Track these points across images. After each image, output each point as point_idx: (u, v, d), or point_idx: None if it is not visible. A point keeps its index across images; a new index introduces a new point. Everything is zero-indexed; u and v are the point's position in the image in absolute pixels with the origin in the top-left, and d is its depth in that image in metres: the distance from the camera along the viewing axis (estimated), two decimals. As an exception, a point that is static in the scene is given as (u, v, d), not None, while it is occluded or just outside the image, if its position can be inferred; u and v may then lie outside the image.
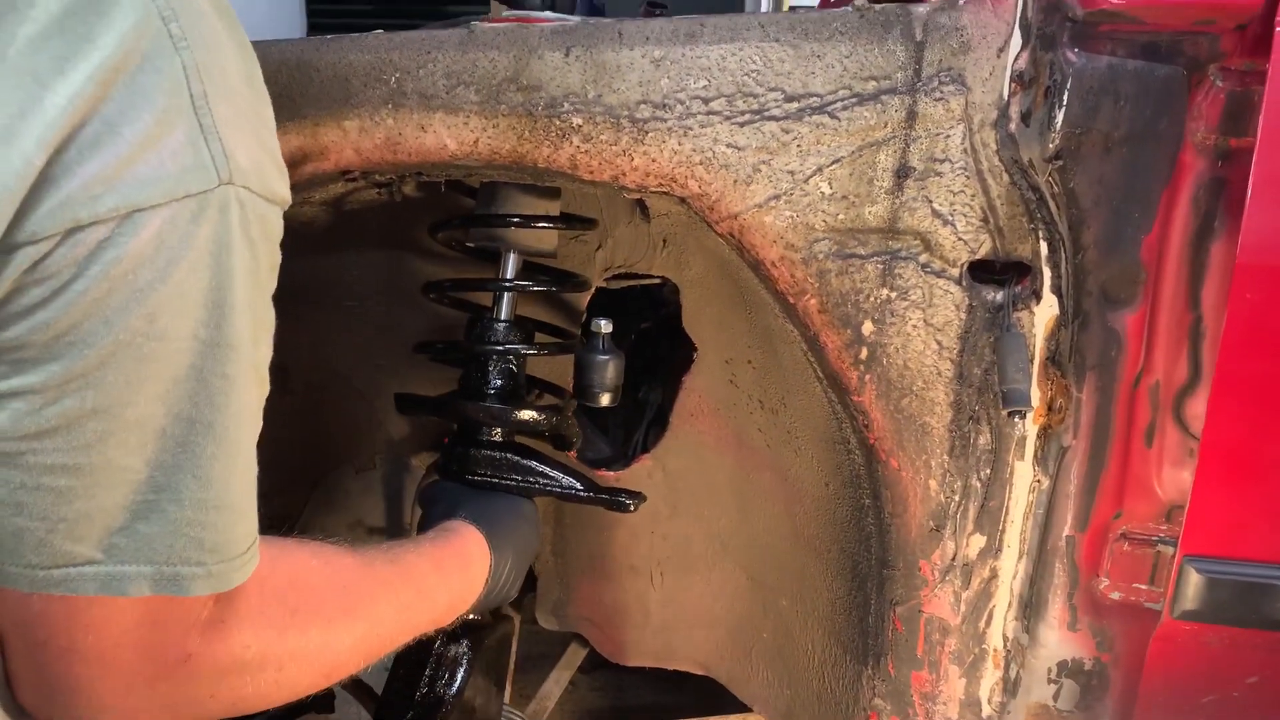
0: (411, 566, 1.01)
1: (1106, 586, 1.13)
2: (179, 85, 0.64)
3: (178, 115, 0.64)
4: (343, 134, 1.09)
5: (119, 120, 0.61)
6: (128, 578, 0.66)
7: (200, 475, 0.67)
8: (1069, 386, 1.08)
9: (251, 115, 0.71)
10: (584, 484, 1.27)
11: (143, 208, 0.62)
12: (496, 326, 1.24)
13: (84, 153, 0.60)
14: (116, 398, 0.64)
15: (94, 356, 0.63)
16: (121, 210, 0.61)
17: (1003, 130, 1.05)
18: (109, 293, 0.62)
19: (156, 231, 0.63)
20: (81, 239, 0.61)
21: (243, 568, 0.72)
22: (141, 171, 0.62)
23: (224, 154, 0.66)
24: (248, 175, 0.68)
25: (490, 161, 1.11)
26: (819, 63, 1.05)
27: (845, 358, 1.12)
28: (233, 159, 0.66)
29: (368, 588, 0.91)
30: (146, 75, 0.63)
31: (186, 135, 0.64)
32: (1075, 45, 0.99)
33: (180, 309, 0.65)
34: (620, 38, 1.07)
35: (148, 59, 0.63)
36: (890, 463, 1.15)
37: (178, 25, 0.64)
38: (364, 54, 1.08)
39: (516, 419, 1.23)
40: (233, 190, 0.66)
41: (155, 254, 0.63)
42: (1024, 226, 1.07)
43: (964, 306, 1.10)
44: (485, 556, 1.11)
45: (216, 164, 0.65)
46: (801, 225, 1.08)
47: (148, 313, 0.63)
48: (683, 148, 1.07)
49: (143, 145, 0.62)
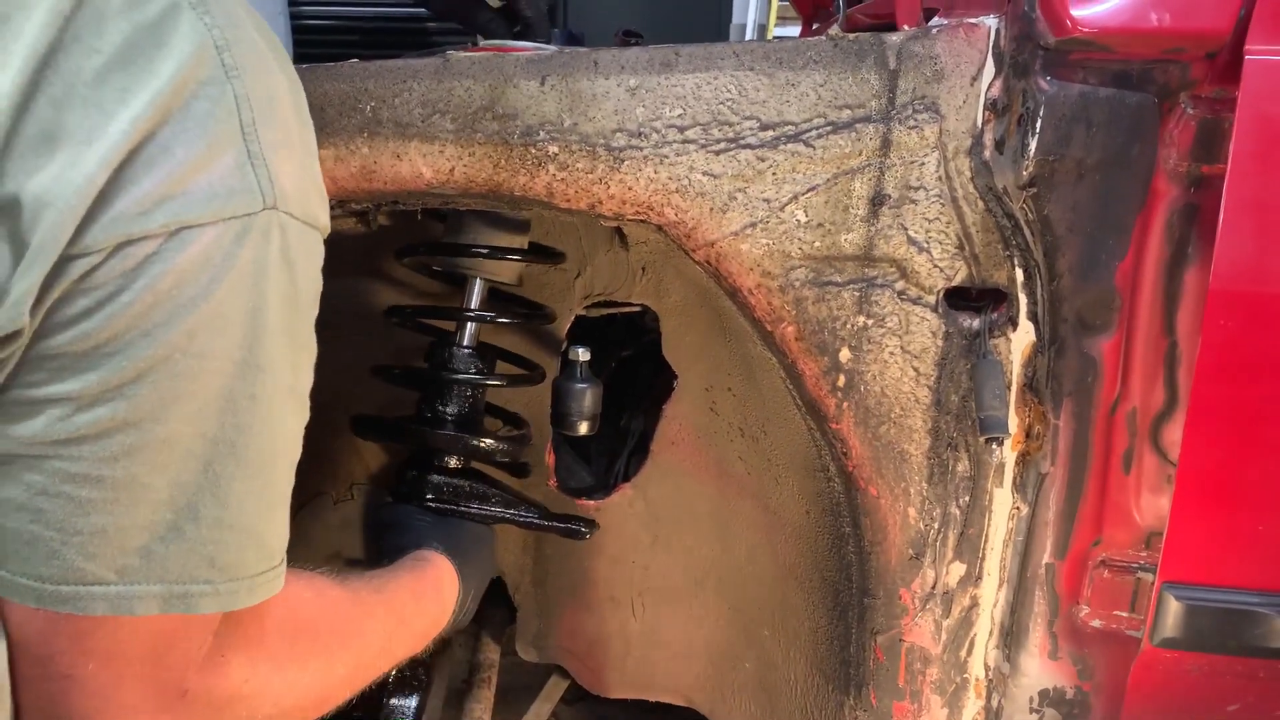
0: (394, 596, 1.01)
1: (1087, 614, 1.12)
2: (230, 112, 0.67)
3: (228, 140, 0.66)
4: (318, 163, 1.09)
5: (173, 143, 0.64)
6: (137, 597, 0.66)
7: (219, 495, 0.68)
8: (1046, 413, 1.08)
9: (298, 143, 0.74)
10: (540, 513, 1.27)
11: (191, 225, 0.64)
12: (458, 353, 1.24)
13: (139, 172, 0.63)
14: (148, 413, 0.65)
15: (131, 369, 0.64)
16: (171, 226, 0.63)
17: (977, 158, 1.05)
18: (152, 306, 0.63)
19: (203, 249, 0.65)
20: (131, 252, 0.63)
21: (251, 591, 0.72)
22: (192, 190, 0.64)
23: (270, 179, 0.68)
24: (291, 201, 0.70)
25: (466, 190, 1.10)
26: (794, 91, 1.06)
27: (823, 385, 1.12)
28: (278, 184, 0.69)
29: (357, 619, 0.92)
30: (201, 102, 0.65)
31: (235, 159, 0.67)
32: (1047, 73, 1.00)
33: (219, 328, 0.66)
34: (596, 66, 1.07)
35: (203, 87, 0.66)
36: (869, 490, 1.15)
37: (230, 55, 0.67)
38: (339, 83, 1.08)
39: (474, 446, 1.23)
40: (276, 215, 0.69)
41: (200, 271, 0.65)
42: (999, 253, 1.08)
43: (940, 333, 1.10)
44: (454, 585, 1.13)
45: (262, 188, 0.68)
46: (778, 253, 1.08)
47: (188, 329, 0.65)
48: (659, 176, 1.07)
49: (194, 166, 0.64)
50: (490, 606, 1.58)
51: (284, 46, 3.09)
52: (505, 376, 1.29)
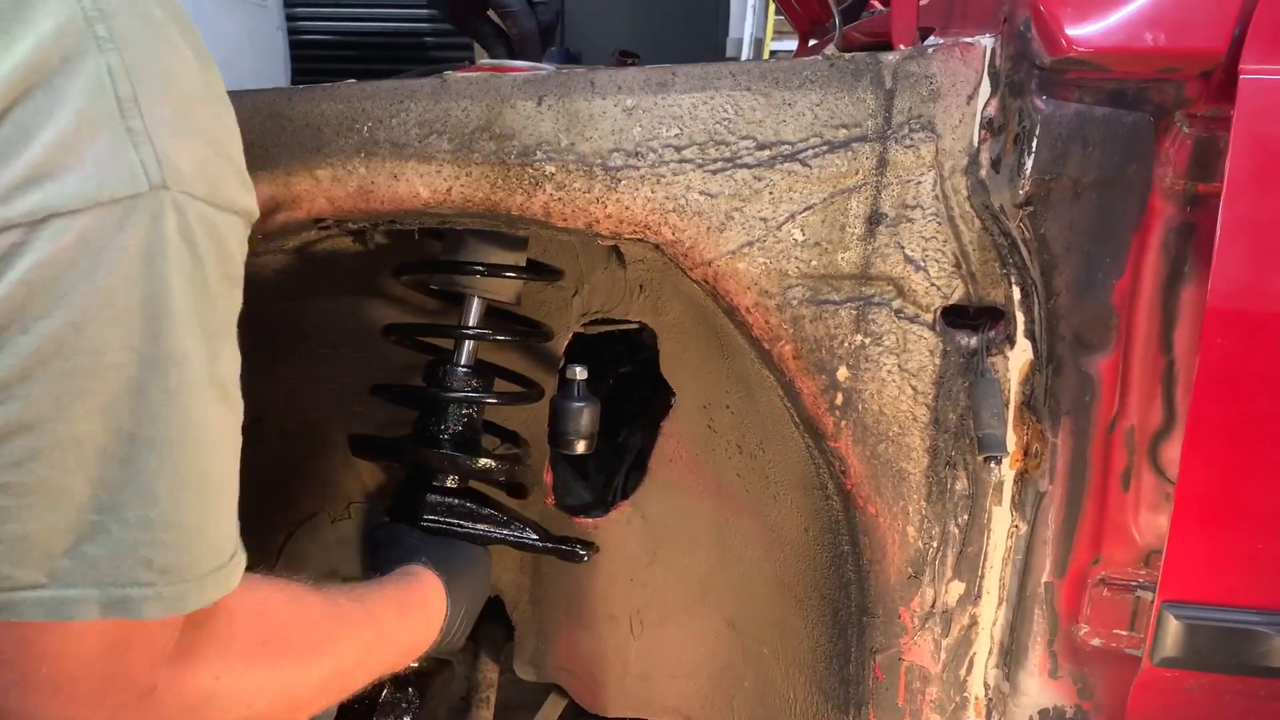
0: (375, 608, 1.00)
1: (1086, 633, 1.12)
2: (102, 87, 0.62)
3: (100, 119, 0.62)
4: (315, 183, 1.09)
5: (32, 125, 0.60)
6: (74, 601, 0.64)
7: (144, 493, 0.65)
8: (1044, 431, 1.08)
9: (205, 120, 0.69)
10: (538, 534, 1.27)
11: (60, 212, 0.60)
12: (456, 371, 1.24)
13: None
14: (45, 413, 0.62)
15: (17, 367, 0.61)
16: (36, 214, 0.60)
17: (973, 177, 1.06)
18: (27, 300, 0.60)
19: (78, 236, 0.61)
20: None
21: (202, 591, 0.69)
22: (58, 175, 0.61)
23: (156, 159, 0.64)
24: (190, 180, 0.66)
25: (464, 210, 1.11)
26: (790, 111, 1.06)
27: (821, 403, 1.12)
28: (169, 163, 0.64)
29: (334, 625, 0.90)
30: (64, 78, 0.61)
31: (110, 138, 0.62)
32: (1043, 92, 1.00)
33: (110, 319, 0.63)
34: (592, 87, 1.07)
35: (66, 61, 0.62)
36: (868, 509, 1.15)
37: (105, 26, 0.63)
38: (336, 103, 1.08)
39: (470, 466, 1.22)
40: (168, 195, 0.64)
41: (77, 259, 0.61)
42: (996, 272, 1.08)
43: (938, 352, 1.10)
44: (443, 603, 1.12)
45: (147, 168, 0.63)
46: (775, 272, 1.08)
47: (73, 322, 0.61)
48: (656, 195, 1.07)
49: (59, 149, 0.61)
50: (488, 625, 1.57)
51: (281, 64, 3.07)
52: (503, 395, 1.29)
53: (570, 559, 1.29)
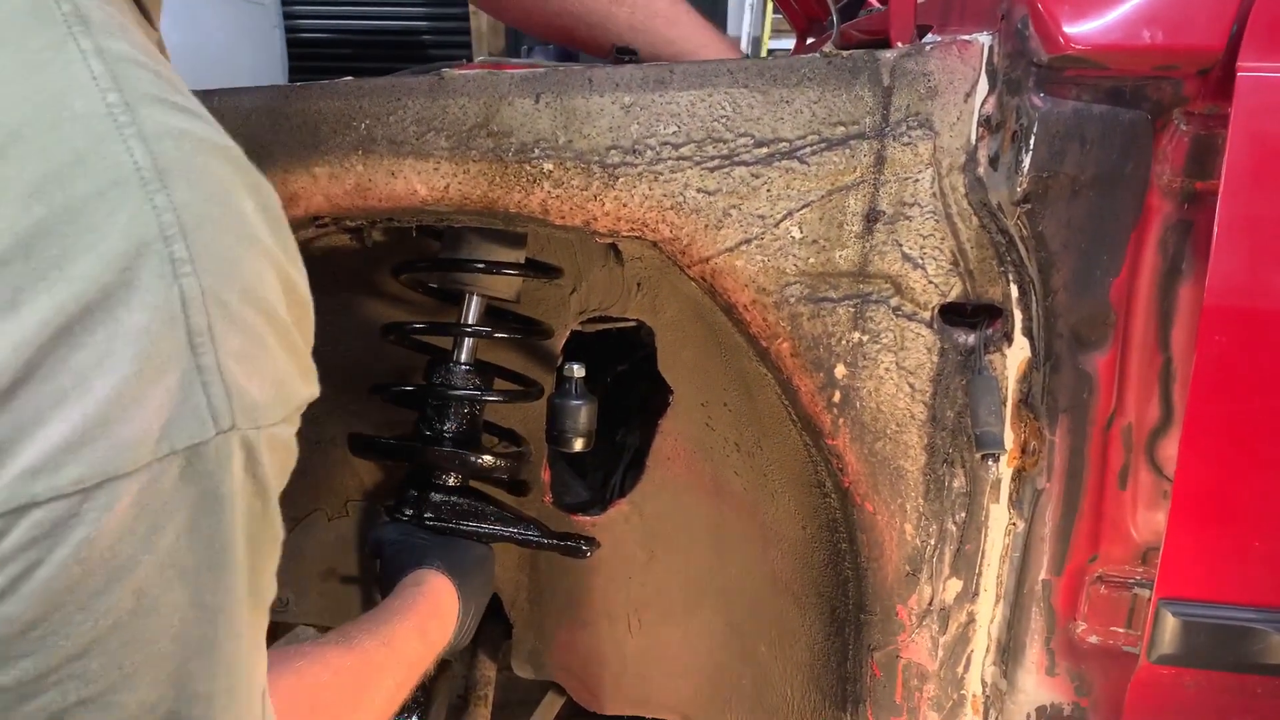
0: (401, 643, 1.02)
1: (1084, 630, 1.12)
2: (174, 322, 0.52)
3: (167, 359, 0.52)
4: (312, 180, 1.09)
5: (90, 368, 0.50)
6: None
7: None
8: (1042, 429, 1.08)
9: (280, 335, 0.60)
10: (540, 531, 1.27)
11: (117, 476, 0.51)
12: (456, 369, 1.24)
13: (42, 412, 0.50)
14: (109, 685, 0.54)
15: (72, 647, 0.53)
16: (87, 481, 0.50)
17: (971, 174, 1.05)
18: (83, 577, 0.52)
19: (136, 499, 0.52)
20: (39, 519, 0.50)
21: None
22: (117, 432, 0.51)
23: (227, 396, 0.55)
24: (261, 411, 0.57)
25: (461, 207, 1.10)
26: (788, 108, 1.06)
27: (818, 401, 1.12)
28: (240, 399, 0.56)
29: (369, 679, 0.93)
30: (129, 311, 0.51)
31: (178, 381, 0.53)
32: (1041, 90, 1.00)
33: (174, 579, 0.55)
34: (590, 84, 1.07)
35: (133, 290, 0.51)
36: (865, 507, 1.15)
37: (184, 245, 0.53)
38: (333, 101, 1.08)
39: (474, 464, 1.22)
40: (237, 436, 0.56)
41: (135, 524, 0.52)
42: (994, 269, 1.08)
43: (936, 349, 1.10)
44: (455, 605, 1.13)
45: (215, 411, 0.54)
46: (773, 269, 1.08)
47: (134, 590, 0.54)
48: (653, 193, 1.07)
49: (120, 401, 0.51)
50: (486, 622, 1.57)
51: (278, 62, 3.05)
52: (504, 392, 1.29)
53: (574, 555, 1.29)
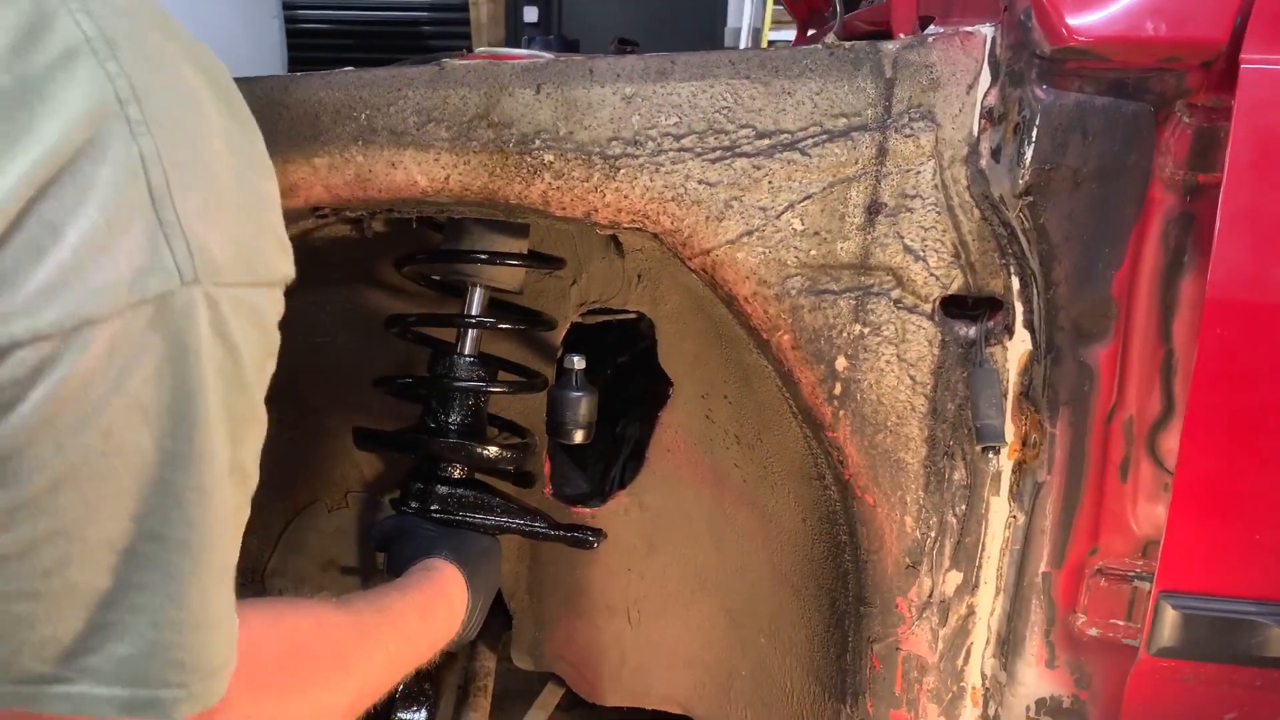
0: (400, 615, 1.01)
1: (1084, 623, 1.12)
2: (134, 177, 0.58)
3: (132, 211, 0.58)
4: (312, 171, 1.09)
5: (62, 220, 0.56)
6: (101, 700, 0.62)
7: (176, 595, 0.63)
8: (1043, 422, 1.08)
9: (240, 195, 0.65)
10: (546, 522, 1.27)
11: (93, 320, 0.56)
12: (460, 361, 1.23)
13: (20, 260, 0.55)
14: (75, 519, 0.59)
15: (44, 481, 0.58)
16: (67, 325, 0.56)
17: (973, 166, 1.05)
18: (57, 414, 0.57)
19: (109, 343, 0.57)
20: (21, 358, 0.55)
21: (224, 672, 0.68)
22: (90, 278, 0.56)
23: (189, 251, 0.60)
24: (224, 269, 0.62)
25: (461, 198, 1.10)
26: (789, 99, 1.06)
27: (819, 393, 1.12)
28: (202, 254, 0.61)
29: (360, 643, 0.91)
30: (94, 165, 0.57)
31: (143, 233, 0.58)
32: (1043, 82, 1.00)
33: (139, 421, 0.60)
34: (591, 75, 1.07)
35: (96, 148, 0.57)
36: (866, 499, 1.14)
37: (138, 108, 0.59)
38: (333, 91, 1.08)
39: (480, 455, 1.22)
40: (200, 290, 0.60)
41: (107, 367, 0.58)
42: (995, 262, 1.07)
43: (937, 342, 1.09)
44: (464, 596, 1.13)
45: (179, 263, 0.59)
46: (774, 261, 1.08)
47: (102, 429, 0.58)
48: (654, 184, 1.07)
49: (90, 249, 0.56)
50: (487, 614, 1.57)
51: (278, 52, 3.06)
52: (508, 384, 1.29)
53: (582, 546, 1.29)
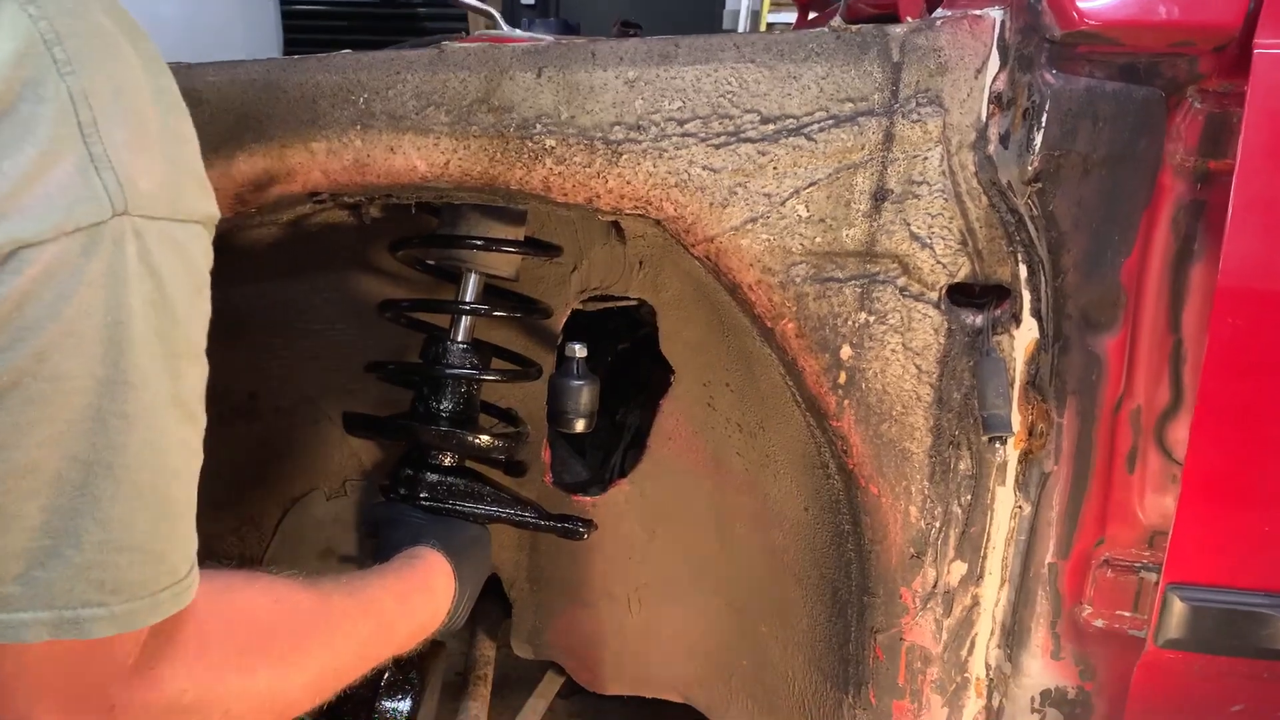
0: (373, 599, 0.99)
1: (1089, 614, 1.11)
2: (65, 113, 0.61)
3: (65, 145, 0.61)
4: (310, 155, 1.07)
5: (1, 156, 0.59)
6: (25, 625, 0.63)
7: (100, 518, 0.64)
8: (1050, 411, 1.07)
9: (161, 134, 0.68)
10: (537, 512, 1.26)
11: (29, 243, 0.59)
12: (453, 348, 1.22)
13: None
14: (3, 440, 0.61)
15: None
16: (4, 248, 0.59)
17: (981, 152, 1.04)
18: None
19: (44, 267, 0.60)
20: None
21: (154, 609, 0.69)
22: (26, 206, 0.59)
23: (119, 183, 0.63)
24: (150, 202, 0.65)
25: (461, 184, 1.09)
26: (795, 84, 1.04)
27: (823, 382, 1.10)
28: (130, 187, 0.63)
29: (323, 623, 0.89)
30: (28, 105, 0.60)
31: (75, 165, 0.61)
32: (1053, 66, 0.98)
33: (72, 348, 0.62)
34: (593, 58, 1.05)
35: (29, 87, 0.60)
36: (870, 489, 1.13)
37: (63, 49, 0.61)
38: (331, 74, 1.06)
39: (470, 444, 1.21)
40: (129, 221, 0.63)
41: (43, 290, 0.60)
42: (1003, 249, 1.06)
43: (943, 330, 1.08)
44: (450, 585, 1.12)
45: (110, 194, 0.62)
46: (779, 248, 1.07)
47: (36, 352, 0.60)
48: (657, 170, 1.05)
49: (26, 179, 0.59)
50: (486, 602, 1.56)
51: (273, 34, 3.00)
52: (501, 372, 1.27)
53: (571, 536, 1.28)
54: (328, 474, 1.49)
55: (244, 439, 1.45)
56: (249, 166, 1.08)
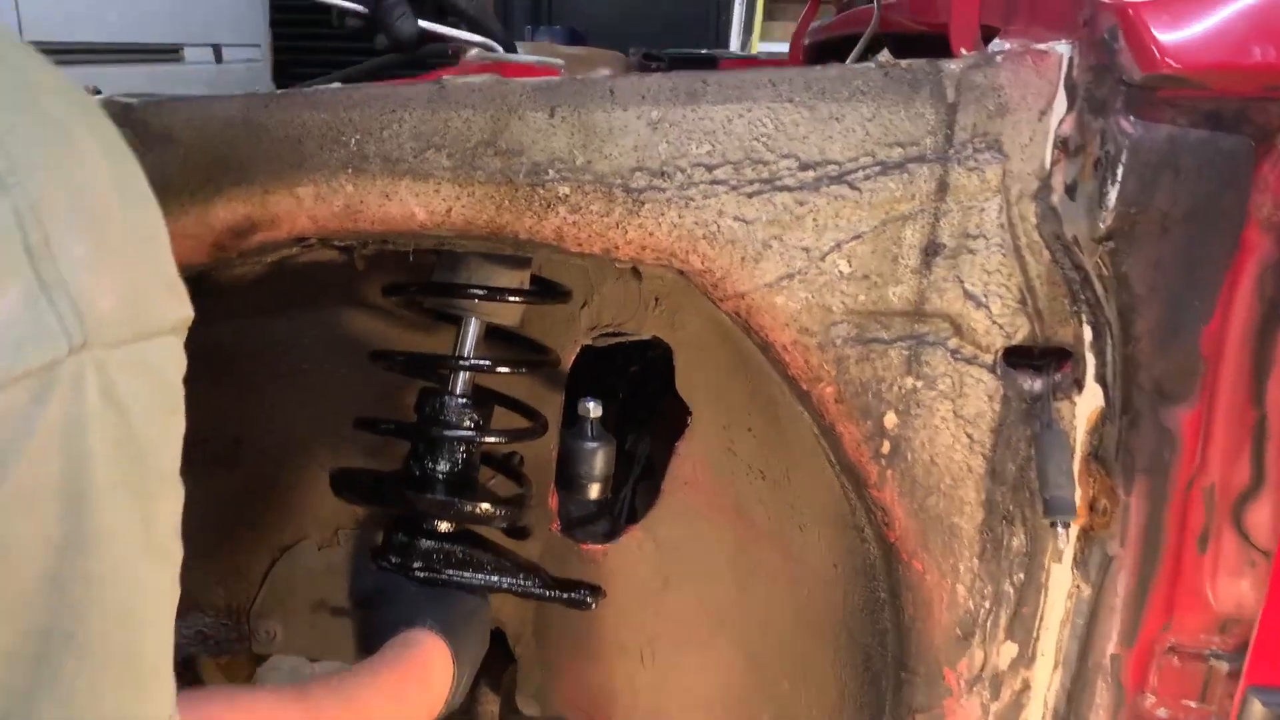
0: (367, 704, 0.92)
1: (1152, 704, 1.02)
2: (9, 236, 0.51)
3: (9, 274, 0.51)
4: (296, 202, 0.96)
5: None
6: None
7: (60, 695, 0.55)
8: (1116, 488, 0.97)
9: (125, 237, 0.58)
10: (540, 580, 1.16)
11: None
12: (451, 403, 1.11)
13: None
14: None
15: None
16: None
17: (1044, 202, 0.93)
18: None
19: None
20: None
21: None
22: None
23: (76, 312, 0.53)
24: (114, 326, 0.55)
25: (465, 232, 0.98)
26: (838, 126, 0.93)
27: (864, 451, 1.01)
28: (90, 313, 0.54)
29: None
30: None
31: (23, 296, 0.51)
32: (1131, 113, 0.87)
33: (23, 510, 0.52)
34: (612, 96, 0.94)
35: None
36: (913, 564, 1.04)
37: (5, 155, 0.51)
38: (319, 112, 0.95)
39: (468, 513, 1.11)
40: (89, 356, 0.54)
41: None
42: (1065, 309, 0.96)
43: (998, 397, 0.98)
44: (448, 671, 1.04)
45: (66, 327, 0.52)
46: (817, 307, 0.97)
47: None
48: (683, 220, 0.95)
49: None
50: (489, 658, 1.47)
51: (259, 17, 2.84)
52: (504, 431, 1.17)
53: (578, 607, 1.19)
54: (319, 522, 1.39)
55: (228, 486, 1.35)
56: (228, 213, 0.97)
